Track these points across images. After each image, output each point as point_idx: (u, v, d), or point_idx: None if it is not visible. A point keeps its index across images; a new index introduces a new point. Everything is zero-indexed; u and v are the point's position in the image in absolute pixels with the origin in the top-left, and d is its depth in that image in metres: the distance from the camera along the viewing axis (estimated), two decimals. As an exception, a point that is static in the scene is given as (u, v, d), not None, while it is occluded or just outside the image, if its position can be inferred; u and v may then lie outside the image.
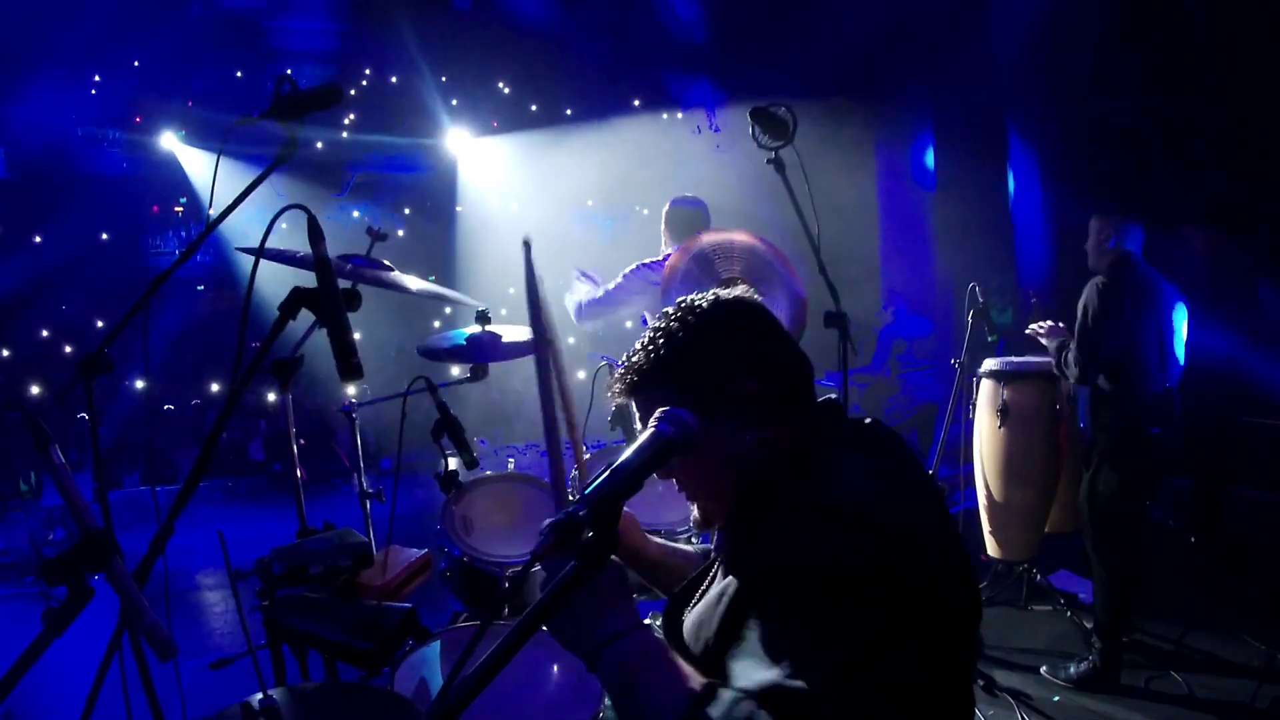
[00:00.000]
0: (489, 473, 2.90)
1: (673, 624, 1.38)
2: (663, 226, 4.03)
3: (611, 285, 3.83)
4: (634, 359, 1.37)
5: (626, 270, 3.83)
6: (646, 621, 1.21)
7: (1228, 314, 4.83)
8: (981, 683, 3.48)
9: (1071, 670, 3.55)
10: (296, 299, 1.64)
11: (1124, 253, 3.57)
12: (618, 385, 1.39)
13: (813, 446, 1.28)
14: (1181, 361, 3.69)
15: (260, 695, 1.61)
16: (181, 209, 15.27)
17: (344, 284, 2.22)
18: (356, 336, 1.63)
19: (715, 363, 1.31)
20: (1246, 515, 5.11)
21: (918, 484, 1.30)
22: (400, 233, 12.81)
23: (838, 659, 1.03)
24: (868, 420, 1.36)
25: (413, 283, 2.68)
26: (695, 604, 1.32)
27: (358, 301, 1.93)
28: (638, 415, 1.39)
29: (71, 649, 1.53)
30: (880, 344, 8.04)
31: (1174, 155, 7.38)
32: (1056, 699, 3.46)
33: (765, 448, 1.29)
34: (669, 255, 3.24)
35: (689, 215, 3.96)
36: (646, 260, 3.87)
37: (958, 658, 1.21)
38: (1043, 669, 3.62)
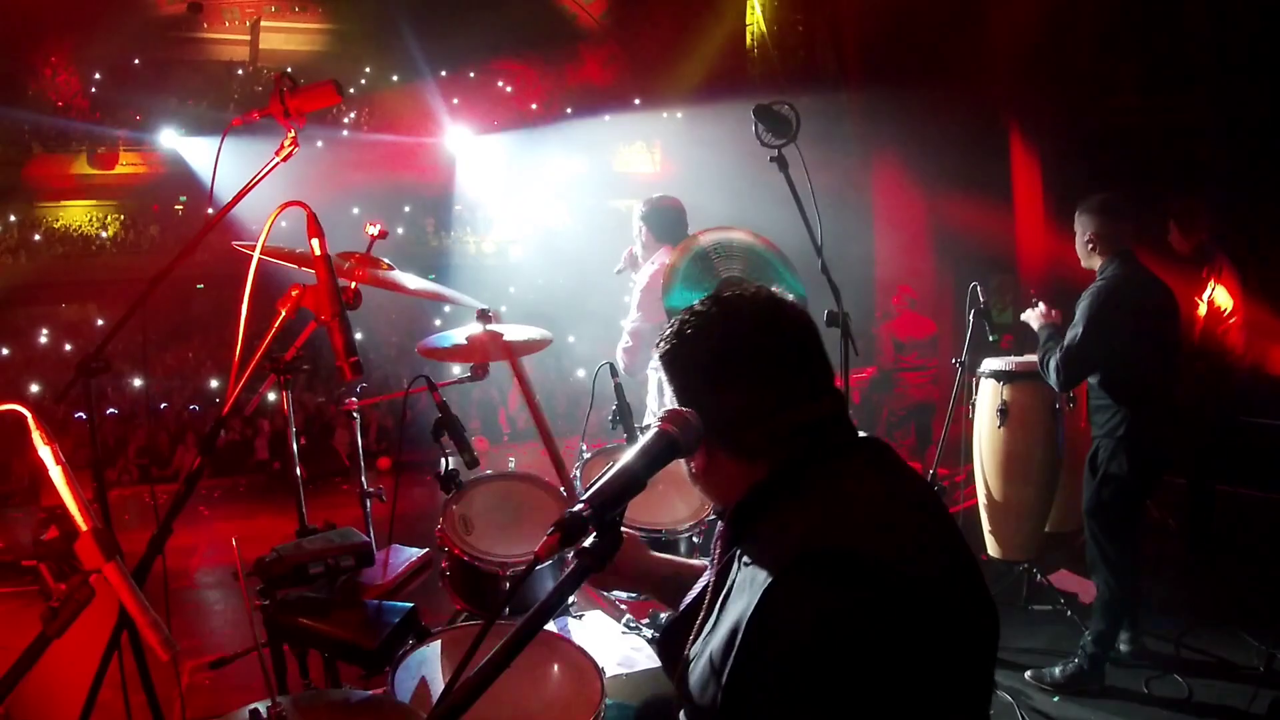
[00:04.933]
0: (489, 471, 2.89)
1: (672, 653, 1.38)
2: (644, 228, 3.89)
3: (636, 320, 3.73)
4: (681, 346, 1.32)
5: (636, 301, 3.74)
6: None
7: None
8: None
9: (1057, 673, 3.54)
10: (296, 297, 1.64)
11: (1119, 251, 3.43)
12: (665, 349, 1.35)
13: (815, 463, 1.26)
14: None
15: (268, 702, 1.60)
16: (181, 207, 15.32)
17: (344, 283, 2.22)
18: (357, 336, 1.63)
19: (756, 391, 1.27)
20: (1246, 515, 5.12)
21: (919, 508, 1.27)
22: (400, 231, 12.82)
23: None
24: (864, 436, 1.33)
25: (412, 282, 2.67)
26: (696, 639, 1.31)
27: (358, 299, 1.93)
28: (668, 389, 1.36)
29: (71, 649, 1.53)
30: (883, 341, 8.07)
31: (1174, 155, 7.38)
32: (1056, 699, 3.46)
33: (775, 467, 1.27)
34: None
35: (675, 213, 3.87)
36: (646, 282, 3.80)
37: (969, 691, 1.20)
38: (1027, 674, 3.60)
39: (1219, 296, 4.60)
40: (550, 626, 2.50)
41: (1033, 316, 3.76)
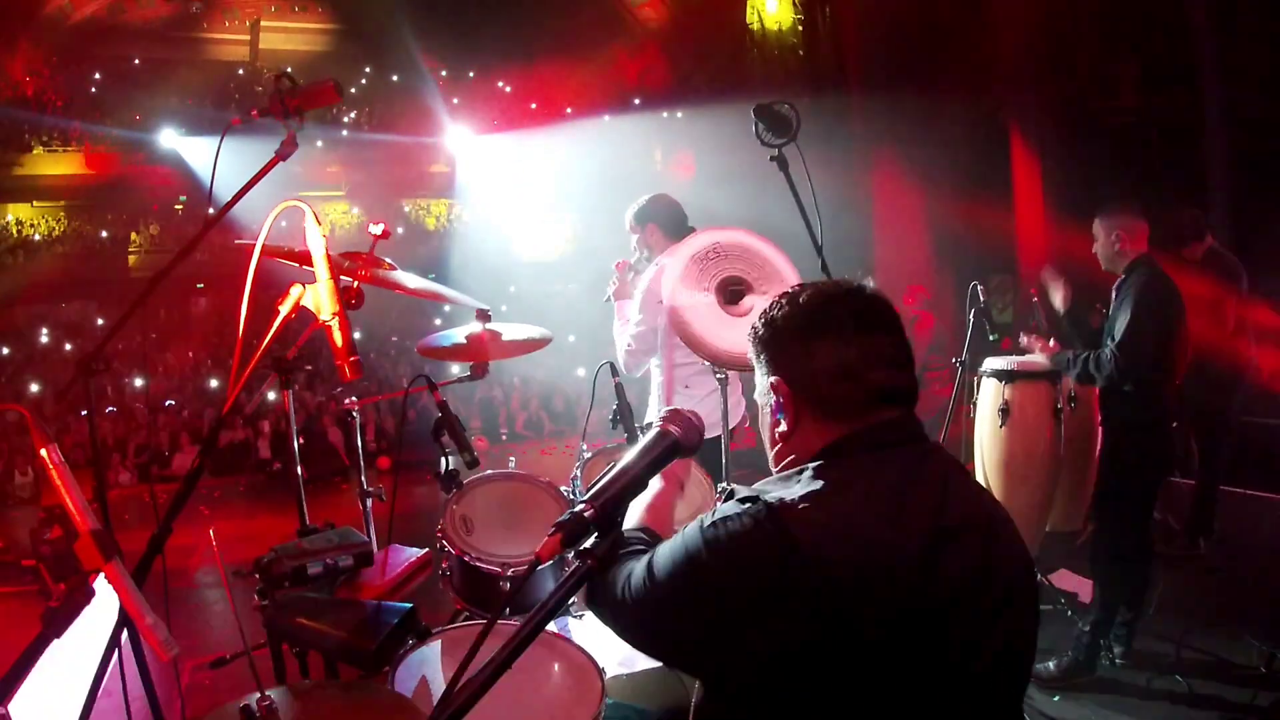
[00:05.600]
0: (490, 471, 2.88)
1: None
2: (655, 227, 3.64)
3: (639, 324, 3.50)
4: (771, 319, 1.36)
5: (638, 303, 3.51)
6: None
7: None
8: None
9: (1051, 667, 3.56)
10: (297, 296, 1.64)
11: (1142, 255, 3.53)
12: (759, 331, 1.37)
13: (837, 457, 1.24)
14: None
15: (258, 695, 1.59)
16: (181, 207, 15.35)
17: (346, 281, 2.21)
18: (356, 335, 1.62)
19: (842, 347, 1.28)
20: (1247, 515, 5.12)
21: (900, 523, 1.18)
22: (400, 230, 12.82)
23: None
24: (928, 444, 1.31)
25: (412, 281, 2.67)
26: None
27: (361, 299, 1.92)
28: (759, 370, 1.38)
29: (71, 649, 1.52)
30: (916, 343, 8.12)
31: (1174, 155, 7.38)
32: (1057, 699, 3.46)
33: (845, 433, 1.27)
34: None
35: (679, 209, 3.65)
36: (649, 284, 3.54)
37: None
38: None
39: (1243, 301, 4.66)
40: (550, 626, 2.50)
41: (1056, 300, 3.77)
